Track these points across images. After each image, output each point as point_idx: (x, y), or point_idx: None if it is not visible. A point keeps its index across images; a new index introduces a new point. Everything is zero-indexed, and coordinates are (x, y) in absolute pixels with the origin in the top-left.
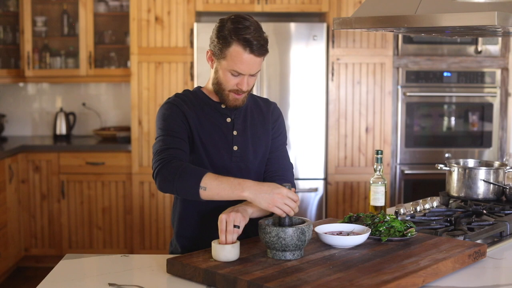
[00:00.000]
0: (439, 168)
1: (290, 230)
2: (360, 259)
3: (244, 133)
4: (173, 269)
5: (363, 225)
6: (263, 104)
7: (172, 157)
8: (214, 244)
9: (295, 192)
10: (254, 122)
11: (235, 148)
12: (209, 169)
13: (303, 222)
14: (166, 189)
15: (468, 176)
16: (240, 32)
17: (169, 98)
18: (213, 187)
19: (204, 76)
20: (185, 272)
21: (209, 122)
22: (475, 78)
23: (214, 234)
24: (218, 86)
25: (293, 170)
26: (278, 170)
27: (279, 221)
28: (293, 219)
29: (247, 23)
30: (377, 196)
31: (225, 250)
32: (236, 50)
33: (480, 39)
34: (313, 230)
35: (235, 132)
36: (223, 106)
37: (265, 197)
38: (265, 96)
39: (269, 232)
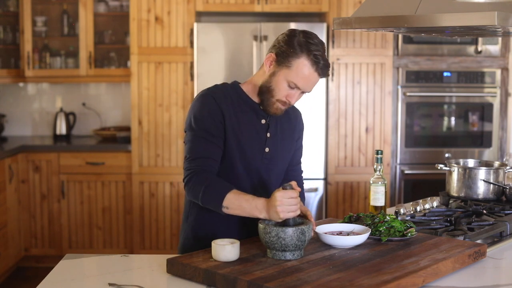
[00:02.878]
0: (439, 168)
1: (290, 230)
2: (360, 259)
3: (275, 136)
4: (173, 269)
5: (363, 225)
6: (291, 111)
7: (202, 170)
8: (214, 244)
9: (293, 185)
10: (283, 128)
11: (267, 150)
12: (239, 168)
13: (303, 222)
14: (192, 199)
15: (468, 176)
16: (312, 47)
17: (209, 88)
18: (234, 207)
19: (204, 76)
20: (185, 272)
21: (246, 121)
22: (475, 78)
23: (233, 232)
24: (268, 91)
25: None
26: (293, 165)
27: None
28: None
29: (316, 41)
30: (377, 196)
31: (225, 250)
32: (303, 63)
33: (480, 39)
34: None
35: (268, 134)
36: (260, 107)
37: (273, 212)
38: None
39: (269, 232)
